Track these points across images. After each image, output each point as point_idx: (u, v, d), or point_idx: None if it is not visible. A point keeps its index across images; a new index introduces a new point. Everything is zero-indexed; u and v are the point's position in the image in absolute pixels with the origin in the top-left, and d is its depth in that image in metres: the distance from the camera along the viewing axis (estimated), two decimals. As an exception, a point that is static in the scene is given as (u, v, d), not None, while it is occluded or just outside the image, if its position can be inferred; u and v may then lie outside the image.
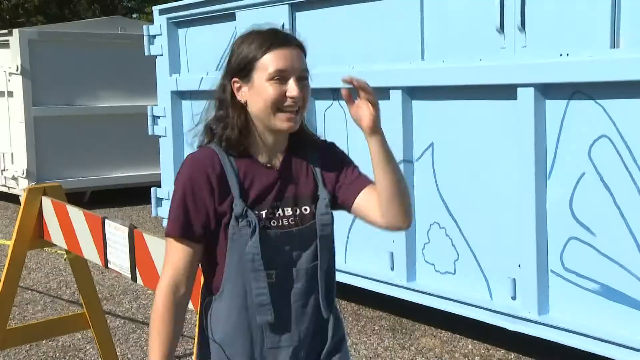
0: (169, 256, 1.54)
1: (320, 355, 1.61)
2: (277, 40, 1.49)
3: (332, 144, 1.67)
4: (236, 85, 1.53)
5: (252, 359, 1.54)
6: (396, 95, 3.79)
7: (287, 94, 1.48)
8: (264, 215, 1.52)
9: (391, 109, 3.82)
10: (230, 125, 1.53)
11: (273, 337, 1.54)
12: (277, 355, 1.54)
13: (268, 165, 1.56)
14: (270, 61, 1.48)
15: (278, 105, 1.49)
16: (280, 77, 1.48)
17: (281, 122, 1.50)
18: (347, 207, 1.60)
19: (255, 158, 1.55)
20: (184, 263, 1.53)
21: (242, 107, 1.53)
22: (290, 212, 1.55)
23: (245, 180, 1.53)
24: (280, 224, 1.53)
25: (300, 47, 1.54)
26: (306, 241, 1.54)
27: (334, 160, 1.62)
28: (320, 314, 1.57)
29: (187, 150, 5.69)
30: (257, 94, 1.49)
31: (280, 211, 1.54)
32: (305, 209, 1.56)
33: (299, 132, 1.58)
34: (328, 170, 1.60)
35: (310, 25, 4.24)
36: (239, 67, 1.52)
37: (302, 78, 1.51)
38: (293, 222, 1.54)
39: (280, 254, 1.52)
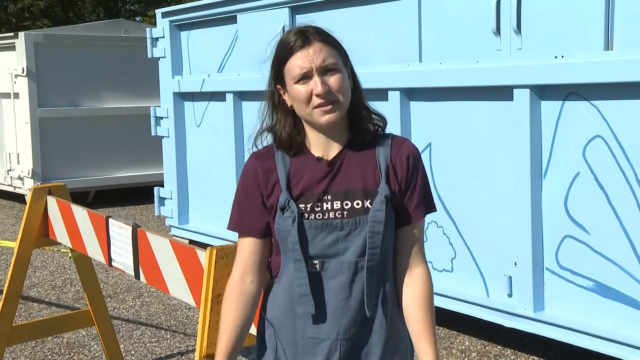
0: (237, 249, 1.63)
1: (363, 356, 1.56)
2: (295, 43, 1.52)
3: (412, 149, 1.59)
4: (281, 91, 1.59)
5: (295, 345, 1.57)
6: (394, 96, 3.84)
7: (313, 92, 1.50)
8: (308, 208, 1.53)
9: (389, 110, 3.87)
10: (279, 129, 1.59)
11: (314, 327, 1.55)
12: (316, 345, 1.55)
13: (320, 158, 1.56)
14: (292, 66, 1.52)
15: (311, 104, 1.51)
16: (304, 77, 1.50)
17: (319, 117, 1.51)
18: None
19: (310, 153, 1.58)
20: (248, 256, 1.61)
21: (289, 111, 1.57)
22: (339, 205, 1.53)
23: (295, 174, 1.56)
24: (327, 216, 1.52)
25: (323, 41, 1.53)
26: (355, 235, 1.52)
27: (407, 164, 1.56)
28: (365, 312, 1.54)
29: (190, 150, 5.76)
30: (292, 98, 1.54)
31: (328, 204, 1.53)
32: (358, 203, 1.53)
33: (357, 125, 1.56)
34: (396, 171, 1.56)
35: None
36: (277, 75, 1.57)
37: (328, 70, 1.51)
38: (340, 215, 1.52)
39: (325, 245, 1.52)
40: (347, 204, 1.53)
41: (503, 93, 3.37)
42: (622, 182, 3.01)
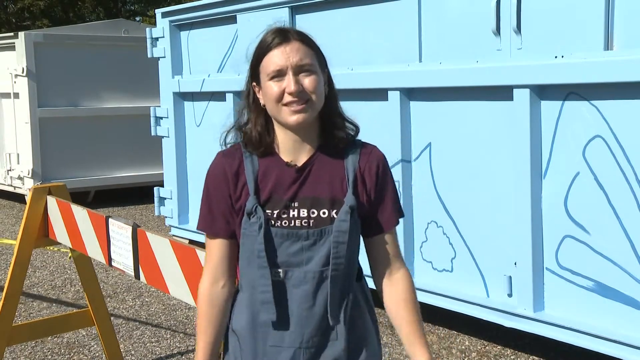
0: (206, 250, 1.62)
1: None
2: (273, 40, 1.52)
3: (380, 157, 1.59)
4: (256, 89, 1.58)
5: (255, 353, 1.56)
6: (394, 96, 3.84)
7: (285, 89, 1.49)
8: (275, 214, 1.51)
9: (389, 110, 3.87)
10: (249, 128, 1.58)
11: (276, 335, 1.53)
12: (278, 354, 1.54)
13: (290, 163, 1.55)
14: (268, 62, 1.51)
15: (281, 102, 1.49)
16: (277, 74, 1.49)
17: (288, 116, 1.49)
18: (362, 234, 1.59)
19: (279, 156, 1.56)
20: (218, 257, 1.59)
21: (262, 110, 1.57)
22: (306, 214, 1.51)
23: (263, 178, 1.54)
24: (293, 224, 1.51)
25: (302, 41, 1.52)
26: (320, 245, 1.51)
27: (377, 174, 1.56)
28: (329, 321, 1.53)
29: (190, 150, 5.76)
30: (265, 95, 1.53)
31: (295, 211, 1.51)
32: (324, 212, 1.52)
33: (329, 132, 1.56)
34: (365, 180, 1.55)
35: (309, 28, 4.25)
36: (253, 73, 1.57)
37: (302, 70, 1.50)
38: (306, 224, 1.51)
39: (289, 253, 1.51)
40: (313, 212, 1.52)
41: (503, 93, 3.37)
42: (622, 182, 3.01)
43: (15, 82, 8.04)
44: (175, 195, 5.61)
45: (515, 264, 3.39)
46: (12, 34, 8.24)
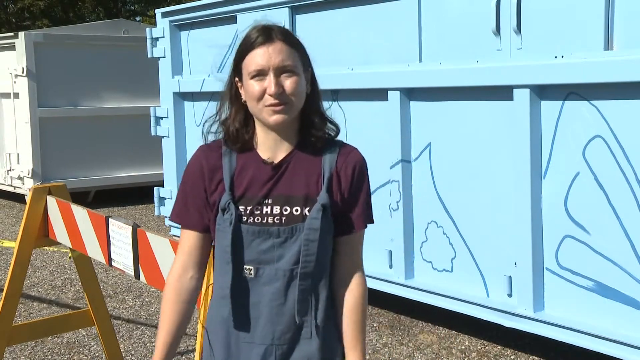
0: (179, 241, 1.63)
1: None
2: (257, 39, 1.52)
3: (359, 159, 1.59)
4: (238, 84, 1.58)
5: (228, 350, 1.56)
6: (394, 96, 3.84)
7: (266, 90, 1.49)
8: (247, 210, 1.52)
9: (389, 110, 3.87)
10: (229, 123, 1.58)
11: (248, 332, 1.54)
12: (250, 350, 1.55)
13: (266, 161, 1.55)
14: (250, 61, 1.52)
15: (262, 101, 1.50)
16: (259, 74, 1.50)
17: (268, 116, 1.50)
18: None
19: (257, 153, 1.56)
20: (189, 248, 1.60)
21: (242, 105, 1.57)
22: (278, 211, 1.52)
23: (240, 174, 1.55)
24: (265, 221, 1.52)
25: (285, 41, 1.52)
26: (291, 243, 1.51)
27: (352, 174, 1.56)
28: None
29: (190, 150, 5.75)
30: (246, 92, 1.54)
31: (268, 208, 1.52)
32: (297, 210, 1.52)
33: (308, 130, 1.56)
34: (340, 180, 1.55)
35: (310, 28, 4.29)
36: (236, 68, 1.58)
37: (284, 72, 1.50)
38: (278, 221, 1.52)
39: (260, 251, 1.52)
40: (286, 210, 1.52)
41: (503, 93, 3.37)
42: (622, 182, 3.01)
43: (15, 82, 8.05)
44: (175, 195, 5.60)
45: (515, 264, 3.39)
46: (12, 34, 8.24)
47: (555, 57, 3.16)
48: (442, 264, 3.78)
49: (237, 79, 1.58)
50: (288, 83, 1.51)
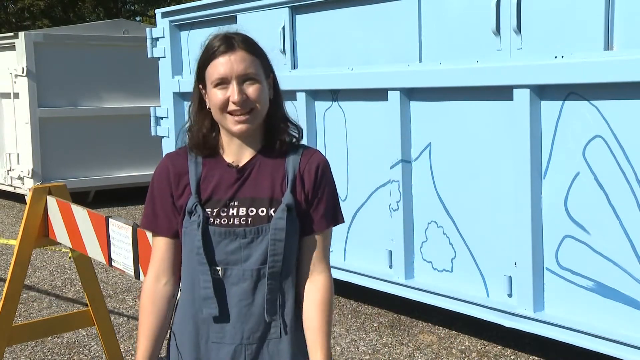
0: (152, 249, 1.65)
1: None
2: (219, 48, 1.55)
3: (321, 160, 1.62)
4: (203, 92, 1.61)
5: (197, 351, 1.58)
6: (394, 96, 3.84)
7: (230, 99, 1.52)
8: (214, 213, 1.55)
9: (389, 110, 3.87)
10: (196, 130, 1.61)
11: (217, 331, 1.57)
12: (219, 350, 1.57)
13: (231, 164, 1.59)
14: (212, 70, 1.55)
15: (225, 110, 1.53)
16: (221, 82, 1.53)
17: (232, 125, 1.54)
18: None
19: (222, 158, 1.60)
20: (161, 255, 1.62)
21: (208, 112, 1.60)
22: (244, 212, 1.55)
23: (205, 178, 1.58)
24: (231, 222, 1.55)
25: (247, 50, 1.55)
26: (257, 243, 1.54)
27: (316, 175, 1.59)
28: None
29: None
30: (210, 100, 1.57)
31: (234, 210, 1.55)
32: (262, 211, 1.55)
33: (272, 135, 1.59)
34: (304, 181, 1.58)
35: (310, 28, 4.29)
36: (199, 75, 1.60)
37: (247, 79, 1.53)
38: (244, 222, 1.55)
39: (227, 252, 1.54)
40: (252, 211, 1.55)
41: (503, 93, 3.37)
42: (622, 182, 3.01)
43: (15, 82, 8.05)
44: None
45: (515, 264, 3.39)
46: (12, 34, 8.24)
47: (555, 57, 3.16)
48: (442, 264, 3.78)
49: (201, 86, 1.60)
50: (251, 90, 1.54)
